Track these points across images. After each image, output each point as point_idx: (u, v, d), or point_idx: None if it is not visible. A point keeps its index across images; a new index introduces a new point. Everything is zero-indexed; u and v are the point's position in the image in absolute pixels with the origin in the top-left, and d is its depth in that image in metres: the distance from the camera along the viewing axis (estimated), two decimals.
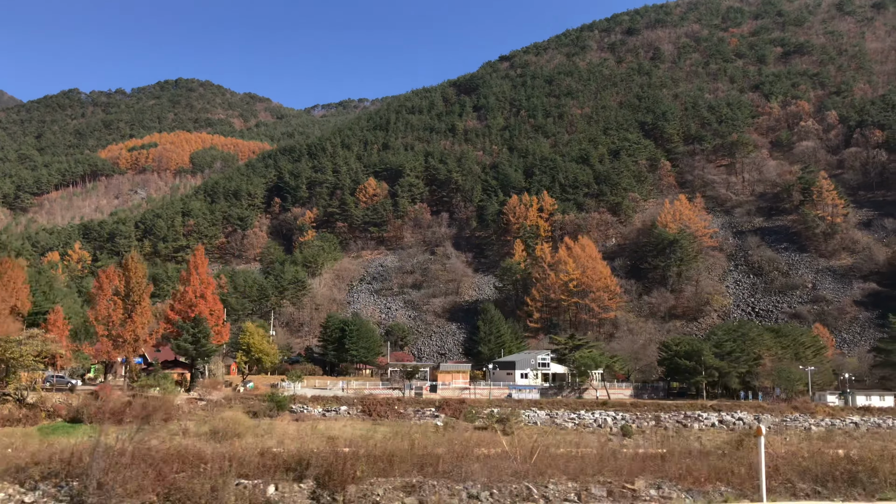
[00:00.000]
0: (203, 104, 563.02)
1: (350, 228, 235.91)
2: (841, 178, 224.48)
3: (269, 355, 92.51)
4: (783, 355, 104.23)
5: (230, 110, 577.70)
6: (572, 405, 79.60)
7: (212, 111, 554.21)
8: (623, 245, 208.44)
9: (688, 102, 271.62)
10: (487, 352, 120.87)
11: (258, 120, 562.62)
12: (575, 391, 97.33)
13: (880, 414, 76.35)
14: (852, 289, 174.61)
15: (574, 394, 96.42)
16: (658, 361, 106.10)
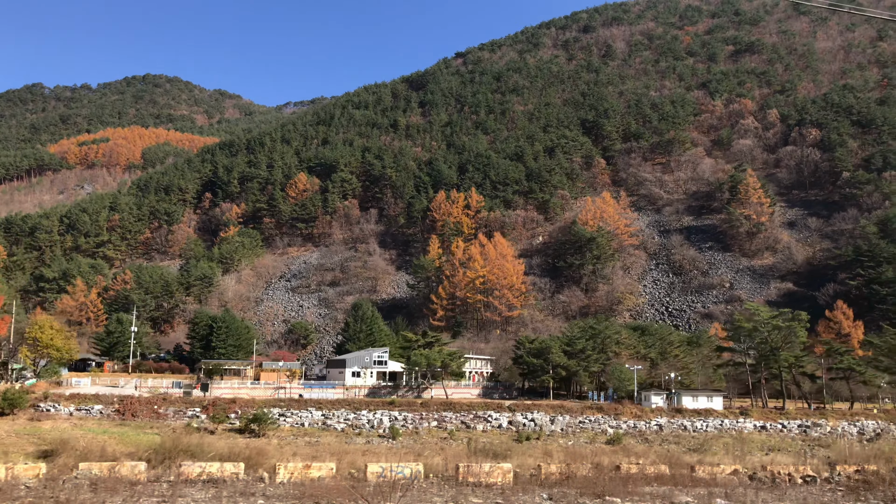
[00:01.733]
0: (167, 100, 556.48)
1: (277, 224, 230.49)
2: (775, 178, 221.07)
3: (59, 350, 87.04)
4: (646, 354, 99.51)
5: (195, 106, 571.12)
6: (375, 405, 74.50)
7: (175, 107, 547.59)
8: (548, 243, 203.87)
9: (632, 100, 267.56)
10: (357, 350, 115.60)
11: (222, 116, 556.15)
12: (413, 390, 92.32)
13: (695, 416, 71.56)
14: (769, 289, 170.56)
15: (413, 393, 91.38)
16: (513, 360, 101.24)
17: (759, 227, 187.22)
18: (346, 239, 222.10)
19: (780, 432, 70.42)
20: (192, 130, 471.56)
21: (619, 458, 44.34)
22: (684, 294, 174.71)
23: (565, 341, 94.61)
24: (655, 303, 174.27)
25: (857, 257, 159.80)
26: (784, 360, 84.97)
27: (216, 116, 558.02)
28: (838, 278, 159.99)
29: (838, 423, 72.67)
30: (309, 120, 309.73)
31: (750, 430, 70.08)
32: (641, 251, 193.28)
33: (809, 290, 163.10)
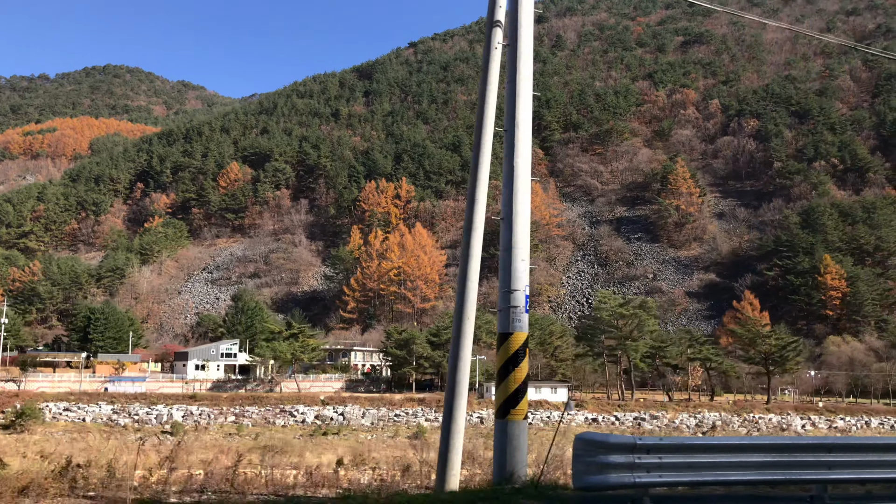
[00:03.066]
0: (125, 91, 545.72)
1: (206, 215, 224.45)
2: (711, 168, 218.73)
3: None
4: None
5: (155, 97, 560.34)
6: (207, 399, 69.91)
7: (133, 98, 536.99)
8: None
9: (576, 90, 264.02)
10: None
11: (181, 108, 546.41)
12: (265, 384, 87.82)
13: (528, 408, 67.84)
14: (691, 280, 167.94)
15: (264, 387, 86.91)
16: (383, 352, 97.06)
17: (687, 217, 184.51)
18: (277, 230, 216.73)
19: (611, 425, 66.86)
20: (147, 121, 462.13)
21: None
22: (607, 285, 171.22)
23: (433, 332, 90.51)
24: (577, 294, 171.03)
25: (776, 248, 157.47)
26: (633, 349, 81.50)
27: (175, 108, 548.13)
28: (757, 269, 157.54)
29: (678, 415, 69.25)
30: (252, 109, 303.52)
31: (580, 423, 66.43)
32: (569, 242, 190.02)
33: (731, 282, 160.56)
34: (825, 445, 10.50)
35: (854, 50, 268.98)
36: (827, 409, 74.65)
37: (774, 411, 72.66)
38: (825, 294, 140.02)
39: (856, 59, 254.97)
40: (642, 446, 9.38)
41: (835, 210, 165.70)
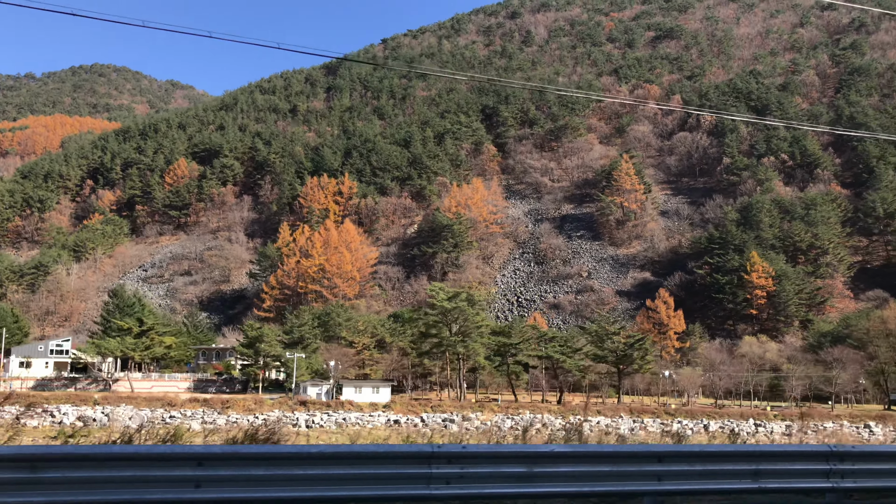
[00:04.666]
0: (108, 90, 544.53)
1: (150, 212, 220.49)
2: (664, 165, 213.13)
3: None
4: (394, 343, 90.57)
5: (139, 96, 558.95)
6: None
7: (116, 97, 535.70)
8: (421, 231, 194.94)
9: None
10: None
11: (164, 107, 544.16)
12: (99, 382, 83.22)
13: (326, 408, 62.51)
14: (625, 278, 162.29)
15: (98, 386, 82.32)
16: (237, 350, 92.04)
17: (629, 215, 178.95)
18: (220, 227, 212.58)
19: (412, 427, 61.60)
20: (126, 120, 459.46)
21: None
22: (540, 283, 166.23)
23: (286, 330, 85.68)
24: (508, 293, 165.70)
25: (708, 245, 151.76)
26: (461, 345, 76.21)
27: (159, 107, 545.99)
28: (687, 267, 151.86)
29: (494, 415, 64.02)
30: (212, 105, 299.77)
31: (378, 425, 61.19)
32: (510, 240, 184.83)
33: (664, 280, 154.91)
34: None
35: (823, 45, 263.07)
36: (666, 412, 68.99)
37: (606, 414, 67.23)
38: (751, 293, 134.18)
39: (823, 55, 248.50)
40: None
41: (774, 207, 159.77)
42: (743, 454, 10.00)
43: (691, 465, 9.67)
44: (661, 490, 9.42)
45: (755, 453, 10.07)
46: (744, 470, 9.76)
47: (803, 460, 10.17)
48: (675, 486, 9.50)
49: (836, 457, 10.03)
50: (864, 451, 10.49)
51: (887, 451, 10.83)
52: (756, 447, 10.70)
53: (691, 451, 10.15)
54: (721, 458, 9.92)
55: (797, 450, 10.70)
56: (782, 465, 9.97)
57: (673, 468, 9.54)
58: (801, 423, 70.33)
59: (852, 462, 10.08)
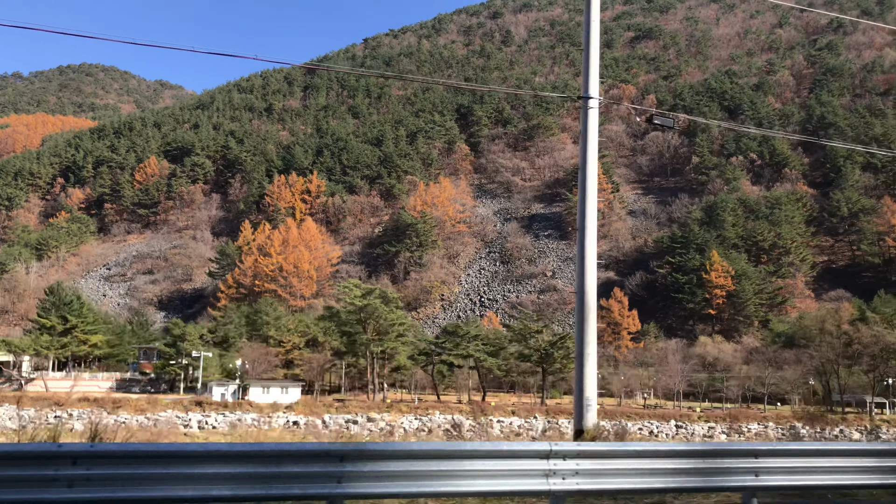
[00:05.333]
0: (95, 89, 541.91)
1: (118, 210, 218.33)
2: (636, 164, 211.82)
3: None
4: (326, 342, 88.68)
5: (126, 96, 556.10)
6: None
7: (102, 96, 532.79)
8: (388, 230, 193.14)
9: (512, 86, 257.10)
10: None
11: (151, 106, 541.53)
12: (13, 382, 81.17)
13: (224, 409, 60.52)
14: None
15: (10, 386, 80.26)
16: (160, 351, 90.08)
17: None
18: (188, 226, 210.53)
19: (312, 428, 59.64)
20: (106, 119, 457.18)
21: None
22: (504, 283, 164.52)
23: (211, 329, 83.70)
24: (472, 292, 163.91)
25: (671, 245, 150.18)
26: (376, 344, 74.28)
27: (146, 106, 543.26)
28: (649, 266, 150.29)
29: (402, 416, 62.05)
30: (189, 104, 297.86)
31: (275, 426, 59.08)
32: (477, 239, 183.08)
33: (627, 279, 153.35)
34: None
35: (800, 46, 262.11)
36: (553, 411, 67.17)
37: (520, 414, 65.34)
38: (710, 293, 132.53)
39: (799, 55, 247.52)
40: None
41: (739, 206, 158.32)
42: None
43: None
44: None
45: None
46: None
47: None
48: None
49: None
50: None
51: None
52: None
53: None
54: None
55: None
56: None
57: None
58: (730, 425, 68.64)
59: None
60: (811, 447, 10.00)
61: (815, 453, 9.65)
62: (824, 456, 9.61)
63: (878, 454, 9.81)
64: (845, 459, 9.66)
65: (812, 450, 9.79)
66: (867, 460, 9.67)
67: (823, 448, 9.87)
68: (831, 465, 9.56)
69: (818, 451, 9.71)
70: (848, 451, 9.89)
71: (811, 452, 9.68)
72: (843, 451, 9.90)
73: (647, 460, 8.84)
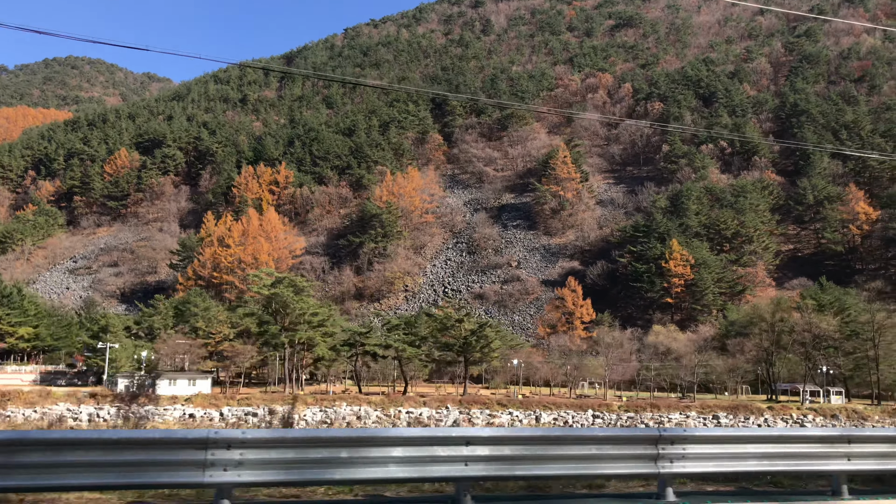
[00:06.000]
0: (79, 82, 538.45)
1: (88, 203, 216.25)
2: (608, 153, 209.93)
3: None
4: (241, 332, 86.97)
5: (112, 89, 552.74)
6: None
7: (87, 89, 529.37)
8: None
9: (490, 75, 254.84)
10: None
11: (137, 99, 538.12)
12: None
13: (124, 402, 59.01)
14: (553, 268, 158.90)
15: None
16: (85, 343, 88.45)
17: (563, 204, 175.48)
18: (158, 218, 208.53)
19: (208, 420, 58.05)
20: (86, 112, 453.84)
21: None
22: (470, 273, 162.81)
23: (136, 319, 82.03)
24: (436, 283, 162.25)
25: (633, 234, 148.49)
26: (284, 336, 72.52)
27: (132, 99, 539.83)
28: (611, 256, 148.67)
29: (307, 408, 60.42)
30: (165, 95, 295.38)
31: (172, 419, 57.47)
32: (446, 230, 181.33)
33: (589, 269, 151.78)
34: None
35: (779, 33, 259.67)
36: (499, 403, 65.57)
37: (431, 405, 63.60)
38: (669, 282, 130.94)
39: (777, 42, 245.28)
40: None
41: (705, 194, 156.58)
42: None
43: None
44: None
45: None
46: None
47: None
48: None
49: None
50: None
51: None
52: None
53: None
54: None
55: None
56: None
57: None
58: (654, 413, 67.12)
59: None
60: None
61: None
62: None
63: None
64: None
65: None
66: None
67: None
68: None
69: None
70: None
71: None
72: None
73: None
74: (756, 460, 10.23)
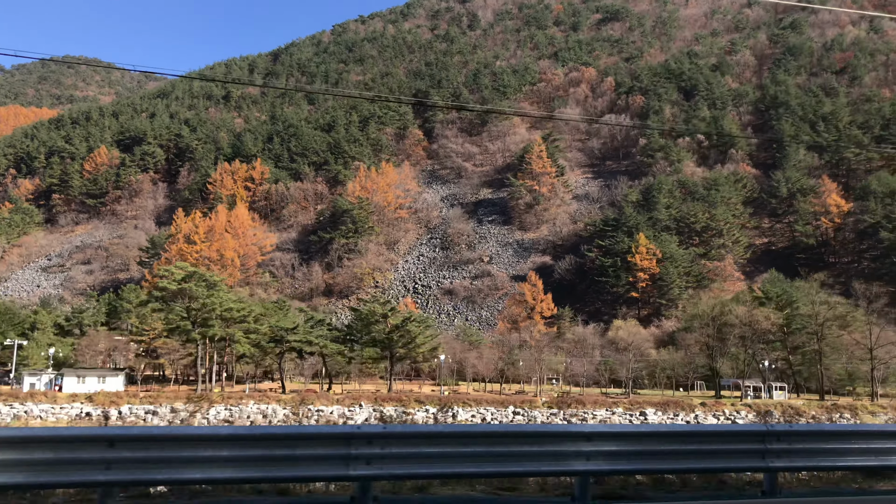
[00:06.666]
0: (75, 81, 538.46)
1: (67, 200, 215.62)
2: (587, 148, 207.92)
3: None
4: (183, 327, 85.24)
5: (107, 88, 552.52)
6: None
7: (83, 88, 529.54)
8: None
9: (473, 70, 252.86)
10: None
11: (132, 97, 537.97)
12: None
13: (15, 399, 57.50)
14: (525, 263, 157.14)
15: None
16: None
17: (538, 198, 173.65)
18: (137, 215, 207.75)
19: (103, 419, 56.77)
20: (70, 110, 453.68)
21: None
22: (442, 269, 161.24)
23: (68, 316, 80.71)
24: (406, 279, 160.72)
25: (603, 228, 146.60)
26: (195, 333, 71.01)
27: (127, 98, 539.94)
28: (580, 250, 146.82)
29: (213, 406, 58.95)
30: (150, 93, 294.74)
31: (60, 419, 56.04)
32: (421, 225, 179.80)
33: (561, 263, 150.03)
34: None
35: (765, 25, 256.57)
36: (416, 401, 63.84)
37: (344, 403, 61.91)
38: (635, 276, 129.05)
39: (762, 35, 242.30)
40: None
41: (677, 188, 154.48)
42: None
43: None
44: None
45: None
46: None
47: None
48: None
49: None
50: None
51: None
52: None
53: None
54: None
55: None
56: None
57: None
58: (578, 410, 65.45)
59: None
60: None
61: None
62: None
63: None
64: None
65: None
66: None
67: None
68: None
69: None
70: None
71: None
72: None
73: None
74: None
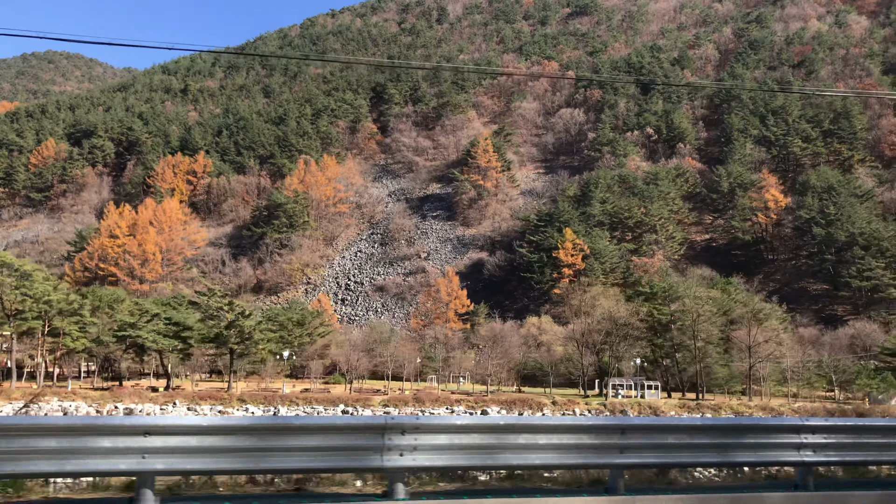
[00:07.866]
0: (53, 76, 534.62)
1: (10, 194, 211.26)
2: (541, 142, 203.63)
3: None
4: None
5: (87, 83, 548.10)
6: None
7: (61, 84, 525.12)
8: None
9: (434, 63, 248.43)
10: None
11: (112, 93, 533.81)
12: None
13: None
14: (462, 259, 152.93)
15: None
16: None
17: (482, 193, 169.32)
18: (81, 210, 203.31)
19: None
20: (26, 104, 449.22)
21: None
22: (378, 265, 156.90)
23: None
24: (340, 275, 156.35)
25: (535, 223, 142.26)
26: (6, 328, 66.74)
27: (87, 91, 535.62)
28: (511, 246, 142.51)
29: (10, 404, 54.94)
30: (110, 86, 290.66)
31: None
32: (363, 220, 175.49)
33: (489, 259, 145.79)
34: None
35: (733, 19, 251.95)
36: (239, 399, 59.63)
37: (157, 400, 57.65)
38: (559, 272, 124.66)
39: (727, 29, 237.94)
40: None
41: (617, 182, 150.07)
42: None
43: None
44: None
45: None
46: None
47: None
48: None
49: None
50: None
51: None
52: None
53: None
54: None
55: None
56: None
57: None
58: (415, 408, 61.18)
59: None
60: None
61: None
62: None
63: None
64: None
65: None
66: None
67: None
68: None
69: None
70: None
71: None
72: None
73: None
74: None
